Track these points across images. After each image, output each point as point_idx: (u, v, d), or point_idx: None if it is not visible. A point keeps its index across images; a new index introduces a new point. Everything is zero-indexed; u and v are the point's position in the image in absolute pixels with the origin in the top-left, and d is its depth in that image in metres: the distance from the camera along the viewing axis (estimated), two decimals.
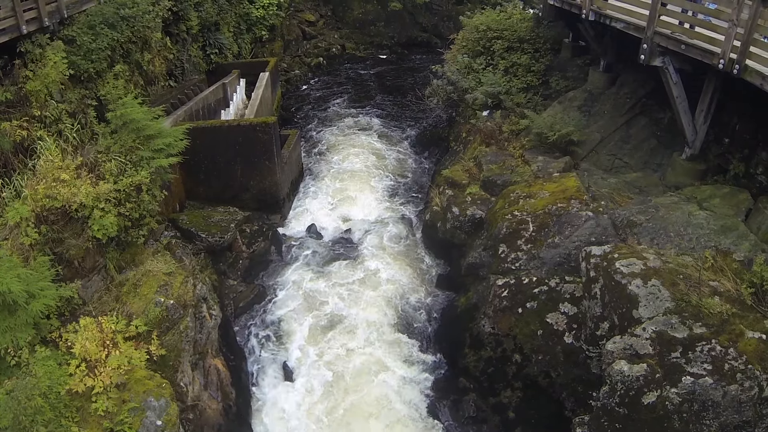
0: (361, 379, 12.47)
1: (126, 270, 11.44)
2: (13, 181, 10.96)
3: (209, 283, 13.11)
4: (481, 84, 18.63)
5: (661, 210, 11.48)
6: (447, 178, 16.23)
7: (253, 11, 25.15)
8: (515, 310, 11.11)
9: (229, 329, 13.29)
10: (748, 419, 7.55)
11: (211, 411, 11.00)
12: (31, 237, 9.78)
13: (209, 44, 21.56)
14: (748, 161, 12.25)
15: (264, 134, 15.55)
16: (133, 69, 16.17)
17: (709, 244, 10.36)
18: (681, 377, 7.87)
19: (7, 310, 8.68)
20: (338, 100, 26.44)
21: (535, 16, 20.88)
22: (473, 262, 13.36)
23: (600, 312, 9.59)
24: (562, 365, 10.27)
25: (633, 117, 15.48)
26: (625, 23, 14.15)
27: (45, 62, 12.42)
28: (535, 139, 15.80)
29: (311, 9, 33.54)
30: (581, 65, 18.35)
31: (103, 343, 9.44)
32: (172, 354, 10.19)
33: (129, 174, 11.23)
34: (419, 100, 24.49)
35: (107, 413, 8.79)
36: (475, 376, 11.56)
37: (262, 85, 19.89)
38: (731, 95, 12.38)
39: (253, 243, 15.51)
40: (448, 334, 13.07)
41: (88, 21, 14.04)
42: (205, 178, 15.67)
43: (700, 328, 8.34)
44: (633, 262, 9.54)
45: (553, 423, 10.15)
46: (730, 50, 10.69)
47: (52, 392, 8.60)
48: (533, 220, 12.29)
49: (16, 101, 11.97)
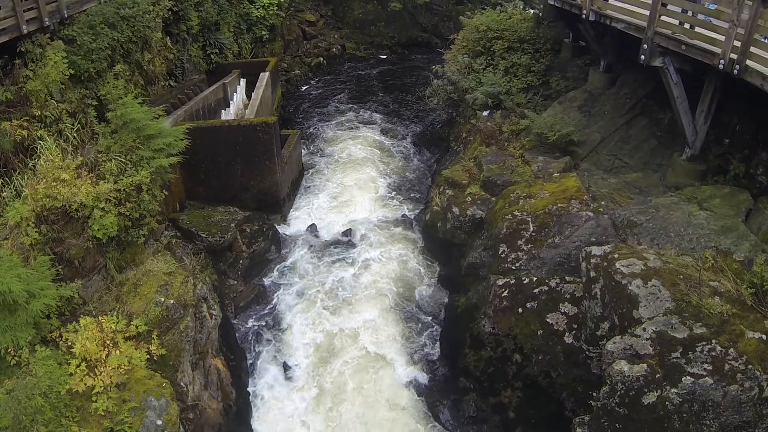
0: (361, 378, 12.49)
1: (126, 270, 11.45)
2: (14, 181, 10.99)
3: (209, 282, 13.11)
4: (481, 84, 18.64)
5: (661, 210, 11.48)
6: (447, 178, 16.23)
7: (253, 11, 25.14)
8: (515, 310, 11.11)
9: (229, 329, 13.30)
10: (749, 419, 7.55)
11: (211, 411, 11.00)
12: (31, 237, 9.79)
13: (209, 44, 21.57)
14: (748, 162, 12.26)
15: (264, 134, 15.56)
16: (134, 69, 16.19)
17: (709, 245, 10.36)
18: (681, 377, 7.87)
19: (8, 310, 8.68)
20: (338, 100, 26.44)
21: (535, 17, 20.89)
22: (473, 262, 13.37)
23: (600, 312, 9.59)
24: (562, 365, 10.27)
25: (633, 117, 15.49)
26: (625, 23, 14.15)
27: (45, 62, 12.45)
28: (536, 140, 15.81)
29: (311, 9, 33.54)
30: (581, 65, 18.36)
31: (103, 343, 9.45)
32: (172, 354, 10.20)
33: (129, 174, 11.24)
34: (419, 100, 24.51)
35: (107, 413, 8.80)
36: (476, 376, 11.56)
37: (262, 85, 19.89)
38: (731, 96, 12.39)
39: (253, 243, 15.52)
40: (448, 334, 13.08)
41: (89, 21, 14.05)
42: (206, 177, 15.69)
43: (700, 328, 8.35)
44: (633, 263, 9.54)
45: (554, 423, 10.15)
46: (730, 50, 10.69)
47: (53, 392, 8.59)
48: (533, 220, 12.30)
49: (16, 101, 11.99)
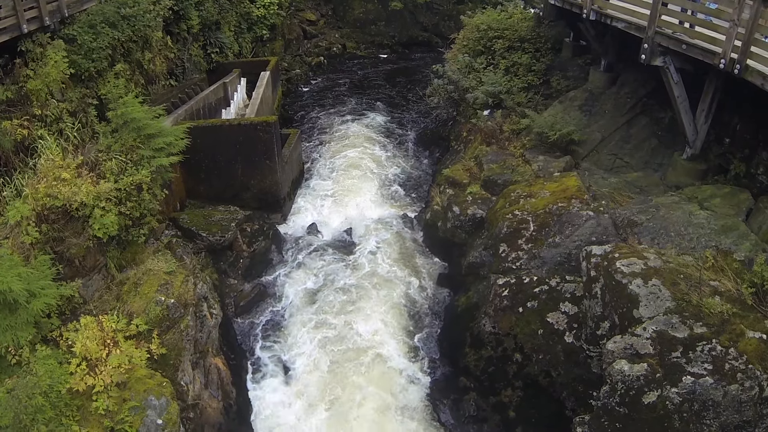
0: (361, 378, 12.48)
1: (127, 269, 11.46)
2: (14, 180, 10.98)
3: (210, 282, 13.12)
4: (482, 83, 18.63)
5: (661, 210, 11.48)
6: (448, 177, 16.23)
7: (254, 10, 25.12)
8: (516, 309, 11.11)
9: (229, 328, 13.31)
10: (749, 419, 7.56)
11: (211, 410, 11.01)
12: (31, 236, 9.79)
13: (210, 43, 21.55)
14: (748, 161, 12.26)
15: (265, 133, 15.56)
16: (134, 68, 16.18)
17: (709, 244, 10.37)
18: (681, 377, 7.87)
19: (8, 309, 8.69)
20: (339, 100, 26.43)
21: (535, 16, 20.88)
22: (474, 262, 13.36)
23: (600, 311, 9.59)
24: (562, 365, 10.27)
25: (634, 117, 15.48)
26: (625, 23, 14.14)
27: (46, 61, 12.45)
28: (536, 139, 15.81)
29: (312, 8, 33.52)
30: (582, 65, 18.34)
31: (103, 342, 9.45)
32: (172, 353, 10.20)
33: (130, 173, 11.25)
34: (420, 99, 24.51)
35: (108, 412, 8.80)
36: (476, 376, 11.56)
37: (262, 84, 19.89)
38: (732, 95, 12.38)
39: (253, 242, 15.52)
40: (448, 334, 13.08)
41: (89, 20, 14.04)
42: (206, 177, 15.67)
43: (700, 327, 8.35)
44: (633, 262, 9.54)
45: (554, 422, 10.15)
46: (731, 50, 10.69)
47: (53, 391, 8.60)
48: (534, 219, 12.29)
49: (17, 100, 12.00)
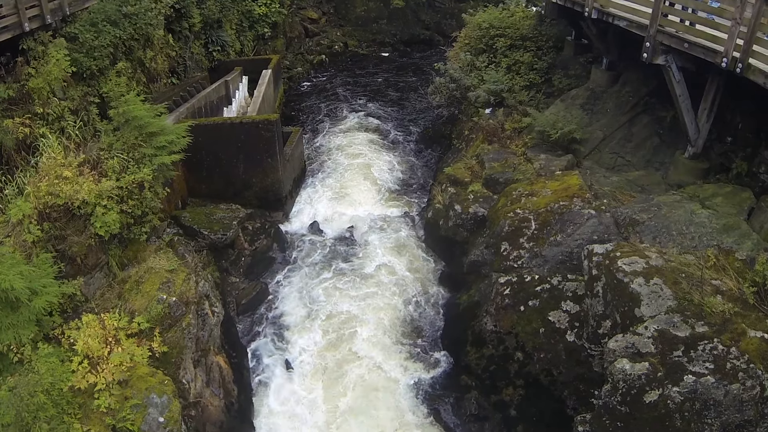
0: (362, 376, 12.49)
1: (128, 267, 11.48)
2: (16, 179, 11.00)
3: (211, 280, 13.13)
4: (483, 82, 18.63)
5: (663, 208, 11.46)
6: (449, 175, 16.22)
7: (255, 8, 25.11)
8: (517, 308, 11.11)
9: (231, 326, 13.32)
10: (750, 418, 7.55)
11: (213, 408, 11.03)
12: (33, 234, 9.80)
13: (212, 41, 21.55)
14: (750, 160, 12.24)
15: (266, 132, 15.56)
16: (136, 66, 16.19)
17: (711, 243, 10.35)
18: (683, 376, 7.87)
19: (10, 307, 8.71)
20: (341, 98, 26.40)
21: (537, 14, 20.86)
22: (475, 260, 13.36)
23: (602, 310, 9.59)
24: (564, 363, 10.27)
25: (635, 115, 15.45)
26: (627, 21, 14.11)
27: (47, 59, 12.47)
28: (538, 137, 15.79)
29: (314, 6, 33.48)
30: (584, 63, 18.31)
31: (105, 340, 9.47)
32: (174, 351, 10.21)
33: (131, 171, 11.25)
34: (422, 97, 24.48)
35: (109, 410, 8.83)
36: (477, 374, 11.57)
37: (264, 82, 19.89)
38: (734, 94, 12.35)
39: (255, 240, 15.53)
40: (450, 332, 13.08)
41: (91, 18, 14.06)
42: (208, 175, 15.68)
43: (702, 326, 8.34)
44: (635, 261, 9.54)
45: (555, 421, 10.15)
46: (733, 49, 10.68)
47: (55, 389, 8.63)
48: (535, 218, 12.28)
49: (18, 98, 12.02)
